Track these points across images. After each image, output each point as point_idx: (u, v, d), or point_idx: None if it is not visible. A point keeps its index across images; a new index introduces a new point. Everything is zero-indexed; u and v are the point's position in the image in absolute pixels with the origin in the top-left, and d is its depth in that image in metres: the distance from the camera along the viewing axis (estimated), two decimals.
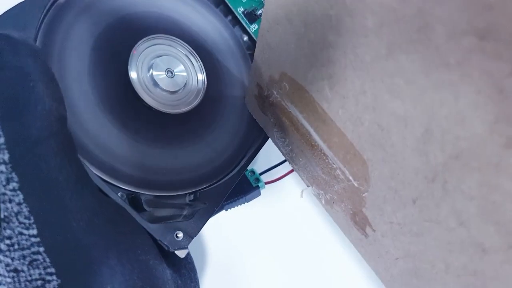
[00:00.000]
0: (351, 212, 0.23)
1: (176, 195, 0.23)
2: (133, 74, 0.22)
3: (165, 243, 0.21)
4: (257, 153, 0.26)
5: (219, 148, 0.25)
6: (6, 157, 0.14)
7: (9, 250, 0.15)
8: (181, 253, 0.21)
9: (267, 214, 0.31)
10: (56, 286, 0.15)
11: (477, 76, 0.12)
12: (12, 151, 0.15)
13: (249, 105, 0.28)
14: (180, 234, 0.22)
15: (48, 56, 0.20)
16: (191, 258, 0.24)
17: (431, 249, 0.18)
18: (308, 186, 0.26)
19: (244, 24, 0.26)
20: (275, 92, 0.23)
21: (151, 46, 0.23)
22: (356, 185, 0.21)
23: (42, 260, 0.15)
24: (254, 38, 0.27)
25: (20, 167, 0.15)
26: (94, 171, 0.20)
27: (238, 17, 0.26)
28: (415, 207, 0.18)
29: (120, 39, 0.23)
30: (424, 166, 0.16)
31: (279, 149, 0.27)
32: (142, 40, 0.23)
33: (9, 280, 0.15)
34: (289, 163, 0.27)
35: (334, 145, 0.21)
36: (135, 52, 0.23)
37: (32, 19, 0.20)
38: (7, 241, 0.15)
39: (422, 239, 0.18)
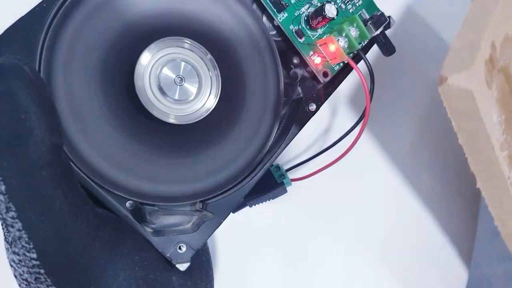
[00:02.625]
0: None
1: (182, 204, 0.23)
2: (139, 83, 0.21)
3: (168, 255, 0.21)
4: (270, 164, 0.24)
5: (231, 157, 0.24)
6: (2, 188, 0.16)
7: (19, 264, 0.17)
8: (182, 267, 0.22)
9: (292, 213, 0.30)
10: None
11: None
12: (7, 182, 0.15)
13: (472, 80, 0.20)
14: (184, 247, 0.22)
15: (52, 73, 0.20)
16: (207, 256, 0.24)
17: None
18: (508, 177, 0.21)
19: (272, 14, 0.24)
20: (506, 52, 0.20)
21: (158, 51, 0.21)
22: None
23: (44, 280, 0.17)
24: (283, 29, 0.24)
25: (15, 198, 0.16)
26: (100, 182, 0.20)
27: (266, 6, 0.23)
28: None
29: (128, 45, 0.22)
30: None
31: (492, 135, 0.20)
32: (149, 47, 0.21)
33: (24, 286, 0.17)
34: (498, 153, 0.21)
35: None
36: (142, 59, 0.21)
37: (34, 34, 0.20)
38: (17, 256, 0.17)
39: None
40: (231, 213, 0.26)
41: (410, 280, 0.31)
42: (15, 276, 0.17)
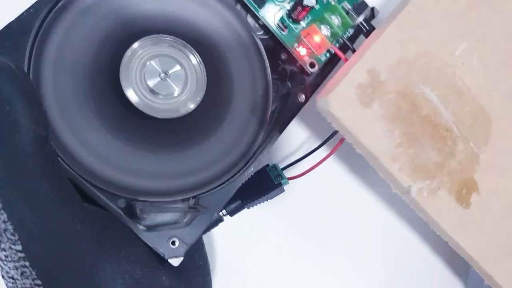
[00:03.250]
0: (457, 187, 0.24)
1: (173, 200, 0.23)
2: (125, 83, 0.21)
3: (160, 250, 0.21)
4: (261, 157, 0.24)
5: (221, 152, 0.24)
6: None
7: (6, 260, 0.17)
8: (175, 262, 0.21)
9: (290, 212, 0.29)
10: None
11: None
12: None
13: (335, 102, 0.22)
14: (176, 242, 0.21)
15: (40, 75, 0.21)
16: (204, 261, 0.24)
17: None
18: (409, 186, 0.23)
19: (253, 9, 0.24)
20: (401, 73, 0.23)
21: (143, 50, 0.22)
22: (476, 150, 0.24)
23: (29, 273, 0.16)
24: (265, 23, 0.24)
25: (1, 188, 0.16)
26: (90, 179, 0.20)
27: (246, 2, 0.24)
28: None
29: (112, 46, 0.22)
30: None
31: (373, 151, 0.23)
32: (133, 45, 0.22)
33: (10, 285, 0.17)
34: (381, 168, 0.23)
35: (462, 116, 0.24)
36: (125, 60, 0.22)
37: (22, 38, 0.20)
38: (3, 253, 0.17)
39: None
40: (229, 216, 0.25)
41: (410, 280, 0.30)
42: (3, 276, 0.17)
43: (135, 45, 0.22)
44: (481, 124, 0.25)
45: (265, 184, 0.26)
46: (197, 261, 0.23)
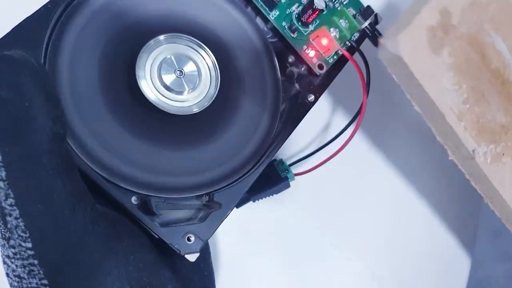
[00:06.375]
0: None
1: (188, 197, 0.23)
2: (141, 78, 0.22)
3: (176, 246, 0.21)
4: (274, 154, 0.25)
5: (234, 149, 0.24)
6: (3, 174, 0.16)
7: (14, 258, 0.16)
8: (191, 257, 0.21)
9: (295, 207, 0.29)
10: None
11: None
12: (8, 169, 0.15)
13: (405, 43, 0.20)
14: (192, 238, 0.22)
15: (56, 69, 0.21)
16: (210, 271, 0.24)
17: None
18: (474, 150, 0.21)
19: (264, 12, 0.25)
20: (474, 17, 0.20)
21: (158, 47, 0.23)
22: None
23: (37, 272, 0.16)
24: (276, 26, 0.25)
25: (15, 184, 0.16)
26: (105, 175, 0.20)
27: (257, 4, 0.25)
28: None
29: (127, 44, 0.23)
30: None
31: (440, 102, 0.20)
32: (148, 43, 0.22)
33: (16, 284, 0.17)
34: (443, 128, 0.21)
35: None
36: (142, 55, 0.22)
37: (39, 32, 0.20)
38: (12, 250, 0.16)
39: None
40: (235, 208, 0.25)
41: (410, 281, 0.31)
42: (8, 275, 0.17)
43: (152, 41, 0.22)
44: None
45: (272, 177, 0.27)
46: (203, 270, 0.23)
